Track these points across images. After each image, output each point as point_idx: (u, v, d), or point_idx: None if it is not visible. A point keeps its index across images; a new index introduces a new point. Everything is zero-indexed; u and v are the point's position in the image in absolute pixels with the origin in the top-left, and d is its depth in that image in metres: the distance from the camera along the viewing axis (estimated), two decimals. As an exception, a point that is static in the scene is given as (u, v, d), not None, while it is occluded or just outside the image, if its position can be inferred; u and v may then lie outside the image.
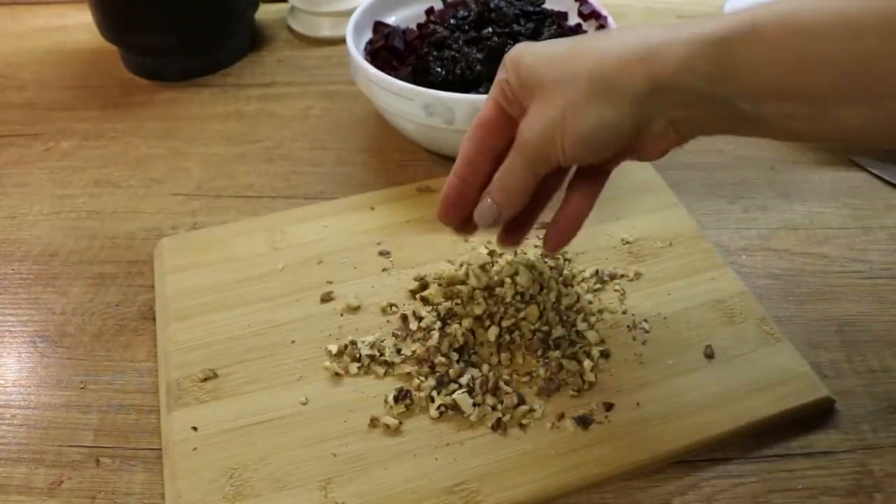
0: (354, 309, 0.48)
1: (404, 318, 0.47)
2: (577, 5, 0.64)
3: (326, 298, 0.48)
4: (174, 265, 0.51)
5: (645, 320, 0.47)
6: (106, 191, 0.60)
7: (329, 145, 0.64)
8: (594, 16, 0.63)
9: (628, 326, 0.47)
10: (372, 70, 0.55)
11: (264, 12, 0.80)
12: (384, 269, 0.51)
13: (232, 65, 0.74)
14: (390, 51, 0.61)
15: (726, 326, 0.46)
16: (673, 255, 0.51)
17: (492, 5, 0.60)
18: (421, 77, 0.58)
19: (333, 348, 0.45)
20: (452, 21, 0.61)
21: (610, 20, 0.61)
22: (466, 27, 0.60)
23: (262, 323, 0.47)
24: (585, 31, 0.63)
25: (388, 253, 0.51)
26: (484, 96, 0.52)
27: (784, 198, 0.58)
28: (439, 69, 0.57)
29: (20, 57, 0.76)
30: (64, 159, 0.63)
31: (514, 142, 0.38)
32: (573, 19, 0.65)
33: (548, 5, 0.63)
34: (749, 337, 0.46)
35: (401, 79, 0.54)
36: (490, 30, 0.58)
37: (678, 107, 0.35)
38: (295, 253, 0.52)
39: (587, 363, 0.44)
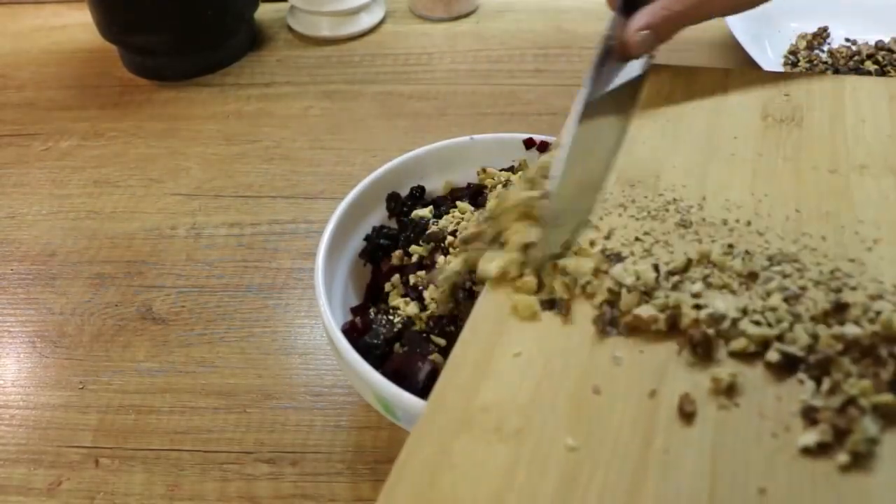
0: None
1: None
2: None
3: None
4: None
5: None
6: (105, 191, 0.59)
7: (329, 145, 0.64)
8: None
9: None
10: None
11: (264, 12, 0.80)
12: None
13: (231, 64, 0.74)
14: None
15: None
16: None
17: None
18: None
19: None
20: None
21: None
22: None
23: None
24: None
25: None
26: None
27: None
28: None
29: (19, 56, 0.76)
30: (63, 159, 0.63)
31: None
32: None
33: None
34: None
35: None
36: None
37: None
38: None
39: None
